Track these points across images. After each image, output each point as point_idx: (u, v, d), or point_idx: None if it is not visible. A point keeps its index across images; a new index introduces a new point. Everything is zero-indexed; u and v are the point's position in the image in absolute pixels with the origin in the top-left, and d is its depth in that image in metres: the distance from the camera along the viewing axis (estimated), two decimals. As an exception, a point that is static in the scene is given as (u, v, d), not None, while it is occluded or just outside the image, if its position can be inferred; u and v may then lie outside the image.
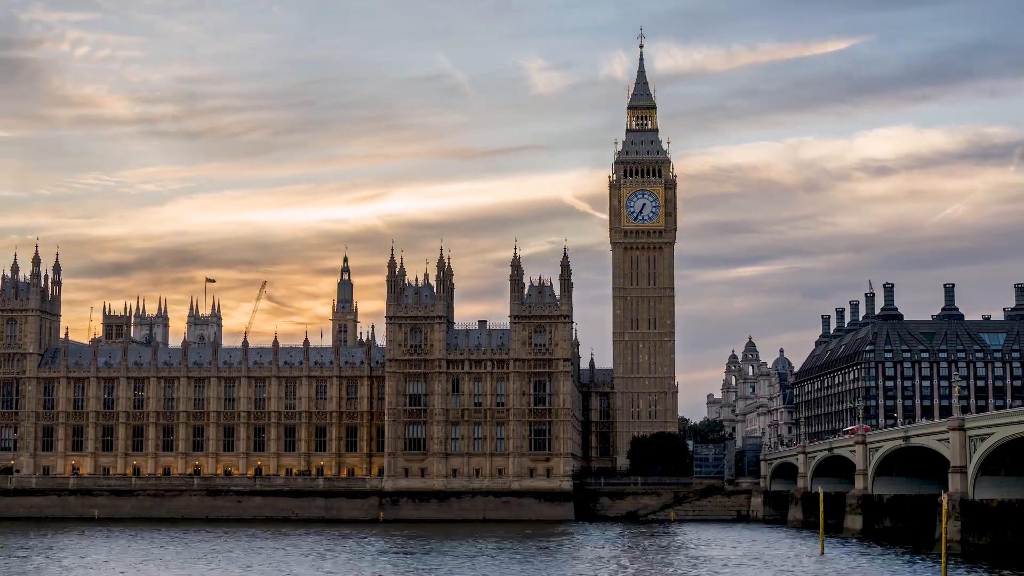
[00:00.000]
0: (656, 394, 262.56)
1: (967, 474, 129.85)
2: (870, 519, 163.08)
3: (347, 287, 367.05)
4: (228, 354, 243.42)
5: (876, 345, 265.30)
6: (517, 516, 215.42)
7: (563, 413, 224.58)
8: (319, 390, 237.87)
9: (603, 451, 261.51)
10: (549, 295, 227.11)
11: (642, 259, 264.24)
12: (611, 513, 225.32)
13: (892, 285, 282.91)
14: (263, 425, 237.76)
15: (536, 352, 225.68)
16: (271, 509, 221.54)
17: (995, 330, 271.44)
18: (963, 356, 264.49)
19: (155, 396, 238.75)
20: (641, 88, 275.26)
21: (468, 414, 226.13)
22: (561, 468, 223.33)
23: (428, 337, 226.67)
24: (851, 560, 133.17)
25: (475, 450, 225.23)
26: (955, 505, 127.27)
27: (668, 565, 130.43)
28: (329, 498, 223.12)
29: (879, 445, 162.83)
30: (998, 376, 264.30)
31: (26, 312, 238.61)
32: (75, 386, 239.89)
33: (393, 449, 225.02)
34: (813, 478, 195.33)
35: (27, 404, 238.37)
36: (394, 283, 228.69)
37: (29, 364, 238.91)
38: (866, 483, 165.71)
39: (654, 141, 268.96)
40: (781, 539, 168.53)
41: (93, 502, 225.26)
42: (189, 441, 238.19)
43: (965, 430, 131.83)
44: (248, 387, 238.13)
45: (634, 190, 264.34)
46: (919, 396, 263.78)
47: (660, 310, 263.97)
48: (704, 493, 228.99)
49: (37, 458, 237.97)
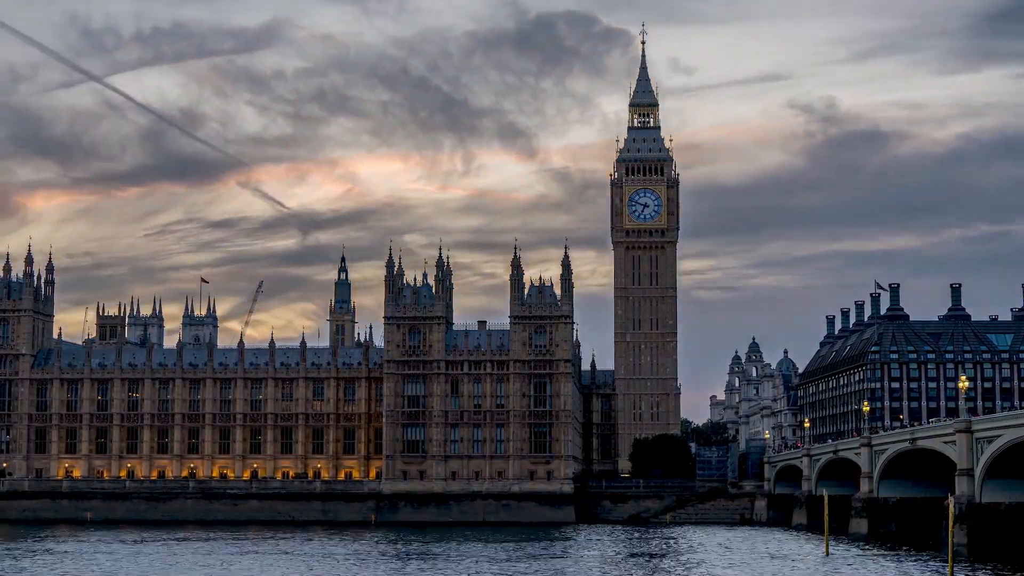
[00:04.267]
0: (658, 396, 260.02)
1: (974, 477, 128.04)
2: (875, 522, 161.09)
3: (345, 287, 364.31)
4: (224, 355, 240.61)
5: (881, 346, 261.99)
6: (517, 519, 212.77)
7: (564, 415, 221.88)
8: (316, 391, 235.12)
9: (604, 453, 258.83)
10: (549, 295, 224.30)
11: (644, 259, 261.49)
12: (613, 516, 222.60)
13: (898, 285, 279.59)
14: (259, 427, 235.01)
15: (536, 353, 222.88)
16: (267, 512, 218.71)
17: (1002, 331, 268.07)
18: (970, 357, 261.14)
19: (150, 398, 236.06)
20: (643, 85, 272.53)
21: (467, 416, 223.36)
22: (562, 471, 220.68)
23: (427, 338, 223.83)
24: (856, 563, 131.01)
25: (474, 452, 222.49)
26: (962, 508, 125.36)
27: (671, 568, 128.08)
28: (326, 501, 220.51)
29: (885, 447, 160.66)
30: (1005, 377, 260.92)
31: (19, 312, 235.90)
32: (69, 388, 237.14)
33: (391, 451, 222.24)
34: (817, 481, 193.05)
35: (20, 406, 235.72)
36: (392, 283, 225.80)
37: (22, 365, 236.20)
38: (871, 486, 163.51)
39: (656, 139, 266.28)
40: (785, 542, 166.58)
41: (87, 505, 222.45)
42: (184, 443, 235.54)
43: (972, 432, 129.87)
44: (244, 388, 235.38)
45: (636, 188, 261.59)
46: (925, 398, 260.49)
47: (662, 310, 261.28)
48: (707, 496, 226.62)
49: (30, 460, 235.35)
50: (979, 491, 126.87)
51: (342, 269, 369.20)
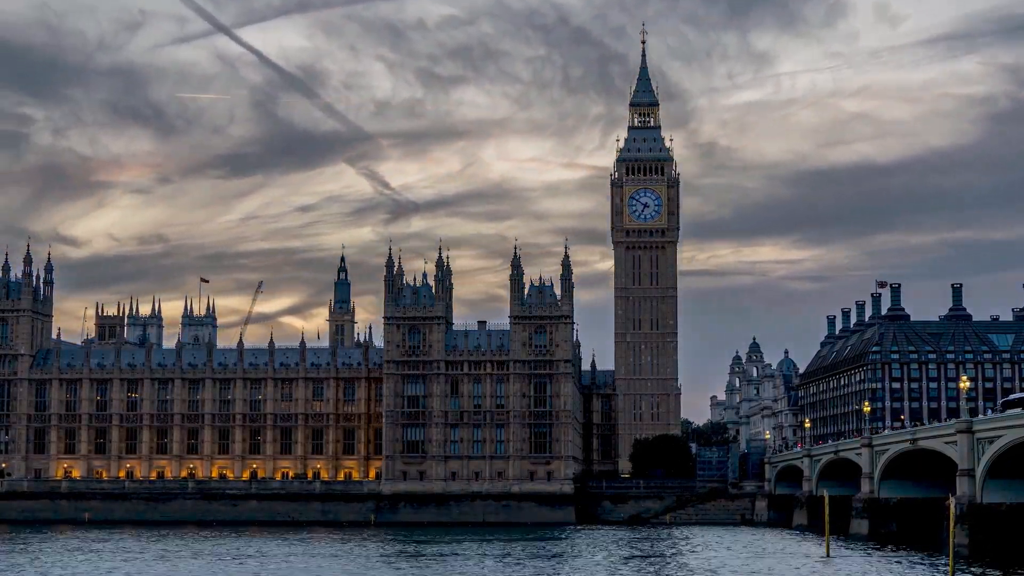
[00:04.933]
0: (659, 396, 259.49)
1: (975, 477, 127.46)
2: (876, 523, 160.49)
3: (344, 287, 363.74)
4: (223, 355, 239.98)
5: (882, 346, 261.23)
6: (517, 520, 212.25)
7: (564, 415, 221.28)
8: (316, 392, 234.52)
9: (605, 454, 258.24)
10: (550, 295, 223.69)
11: (644, 258, 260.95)
12: (613, 517, 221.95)
13: (899, 285, 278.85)
14: (259, 427, 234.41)
15: (536, 353, 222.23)
16: (267, 512, 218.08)
17: (1003, 331, 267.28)
18: (971, 357, 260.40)
19: (149, 398, 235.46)
20: (643, 85, 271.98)
21: (467, 416, 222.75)
22: (562, 471, 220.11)
23: (427, 338, 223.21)
24: (857, 564, 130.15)
25: (474, 453, 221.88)
26: (963, 509, 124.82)
27: (671, 569, 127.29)
28: (326, 502, 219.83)
29: (886, 448, 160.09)
30: (1007, 378, 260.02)
31: (18, 313, 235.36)
32: (68, 388, 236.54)
33: (391, 452, 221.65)
34: (818, 481, 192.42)
35: (19, 406, 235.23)
36: (392, 283, 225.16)
37: (21, 365, 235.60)
38: (872, 486, 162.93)
39: (656, 139, 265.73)
40: (786, 542, 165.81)
41: (86, 506, 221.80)
42: (183, 444, 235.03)
43: (973, 432, 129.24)
44: (244, 389, 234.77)
45: (636, 188, 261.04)
46: (926, 398, 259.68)
47: (663, 310, 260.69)
48: (707, 496, 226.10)
49: (29, 461, 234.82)
50: (980, 491, 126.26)
51: (341, 269, 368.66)
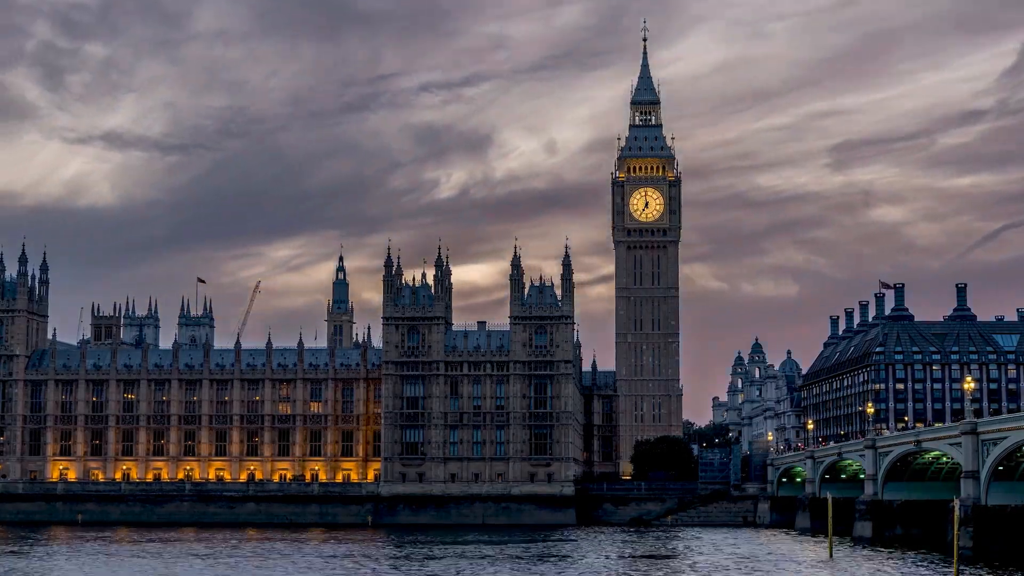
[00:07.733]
0: (660, 397, 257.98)
1: (979, 479, 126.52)
2: (880, 525, 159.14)
3: (343, 287, 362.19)
4: (220, 356, 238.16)
5: (886, 347, 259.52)
6: (518, 522, 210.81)
7: (565, 416, 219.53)
8: (314, 393, 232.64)
9: (606, 455, 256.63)
10: (550, 295, 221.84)
11: (646, 258, 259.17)
12: (614, 519, 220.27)
13: (902, 285, 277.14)
14: (256, 429, 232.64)
15: (537, 354, 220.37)
16: (264, 515, 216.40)
17: (1008, 331, 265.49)
18: (975, 358, 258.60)
19: (146, 399, 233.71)
20: (645, 83, 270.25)
21: (467, 417, 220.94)
22: (563, 473, 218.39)
23: (426, 338, 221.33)
24: (861, 567, 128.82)
25: (474, 454, 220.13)
26: (967, 511, 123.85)
27: (673, 572, 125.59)
28: (324, 504, 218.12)
29: (889, 449, 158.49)
30: (1011, 379, 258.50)
31: (13, 313, 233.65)
32: (64, 389, 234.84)
33: (390, 453, 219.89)
34: (821, 483, 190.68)
35: (14, 407, 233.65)
36: (391, 283, 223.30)
37: (17, 366, 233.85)
38: (876, 488, 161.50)
39: (658, 137, 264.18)
40: (789, 545, 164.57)
41: (81, 508, 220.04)
42: (180, 445, 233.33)
43: (977, 434, 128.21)
44: (241, 390, 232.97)
45: (638, 187, 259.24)
46: (930, 399, 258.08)
47: (664, 311, 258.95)
48: (709, 498, 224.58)
49: (24, 462, 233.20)
50: (985, 493, 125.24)
51: (340, 268, 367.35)
